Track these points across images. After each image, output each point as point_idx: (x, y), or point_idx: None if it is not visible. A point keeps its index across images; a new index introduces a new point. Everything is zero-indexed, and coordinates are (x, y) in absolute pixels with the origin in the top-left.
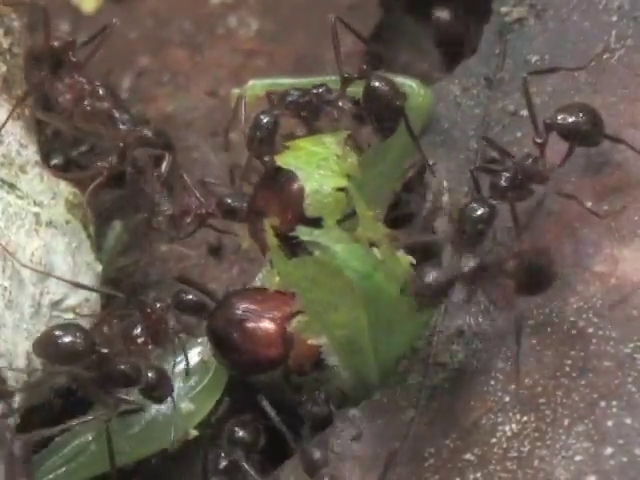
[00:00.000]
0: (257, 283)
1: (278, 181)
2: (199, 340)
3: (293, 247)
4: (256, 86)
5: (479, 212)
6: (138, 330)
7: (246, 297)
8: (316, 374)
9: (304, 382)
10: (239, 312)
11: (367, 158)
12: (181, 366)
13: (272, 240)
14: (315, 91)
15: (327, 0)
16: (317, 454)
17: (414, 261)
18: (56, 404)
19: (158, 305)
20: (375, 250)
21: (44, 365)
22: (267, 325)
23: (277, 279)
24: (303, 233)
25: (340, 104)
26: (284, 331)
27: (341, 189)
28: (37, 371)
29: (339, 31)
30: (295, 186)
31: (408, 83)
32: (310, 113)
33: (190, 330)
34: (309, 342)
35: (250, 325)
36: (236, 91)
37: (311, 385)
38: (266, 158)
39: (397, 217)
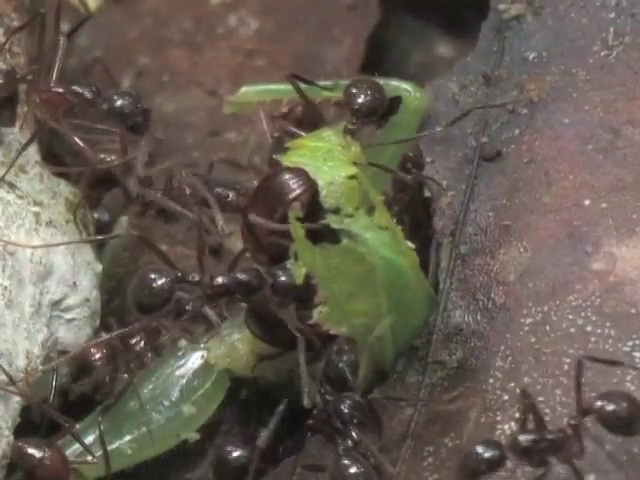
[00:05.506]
0: None
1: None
2: (201, 345)
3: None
4: (248, 93)
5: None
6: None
7: None
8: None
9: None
10: None
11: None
12: (182, 370)
13: (298, 231)
14: None
15: (327, 0)
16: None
17: (414, 247)
18: (56, 403)
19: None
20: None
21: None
22: None
23: (303, 270)
24: (333, 221)
25: None
26: None
27: (352, 177)
28: (37, 371)
29: (338, 34)
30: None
31: (403, 86)
32: None
33: (189, 335)
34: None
35: None
36: (231, 98)
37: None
38: None
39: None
